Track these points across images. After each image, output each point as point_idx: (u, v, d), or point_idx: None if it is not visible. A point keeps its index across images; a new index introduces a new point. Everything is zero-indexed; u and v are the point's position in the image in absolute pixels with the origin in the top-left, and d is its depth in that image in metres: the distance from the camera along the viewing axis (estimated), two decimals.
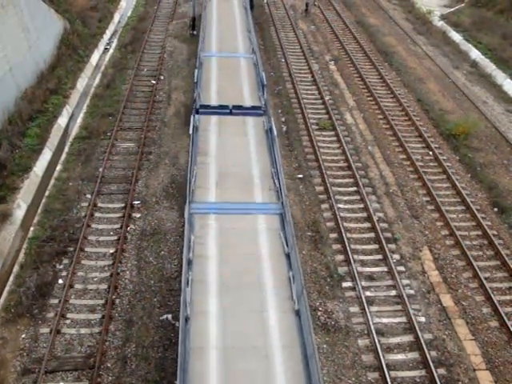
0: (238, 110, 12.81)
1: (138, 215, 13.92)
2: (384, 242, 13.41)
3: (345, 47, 24.82)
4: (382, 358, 10.55)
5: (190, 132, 11.46)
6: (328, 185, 15.34)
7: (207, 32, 18.11)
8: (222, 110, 12.74)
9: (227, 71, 14.99)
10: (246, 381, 6.71)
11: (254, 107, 13.01)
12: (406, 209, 14.95)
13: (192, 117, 12.11)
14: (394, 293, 12.22)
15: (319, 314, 11.50)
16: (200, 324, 7.38)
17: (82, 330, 10.76)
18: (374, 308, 11.81)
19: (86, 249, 12.74)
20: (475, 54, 24.65)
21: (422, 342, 10.88)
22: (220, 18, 19.84)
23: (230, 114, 12.72)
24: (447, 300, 12.18)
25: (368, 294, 12.13)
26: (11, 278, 11.81)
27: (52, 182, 14.95)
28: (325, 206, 14.76)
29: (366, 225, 14.17)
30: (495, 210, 15.19)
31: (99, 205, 14.15)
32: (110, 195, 14.56)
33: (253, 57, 15.93)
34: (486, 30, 26.14)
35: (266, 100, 13.37)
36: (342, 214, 14.37)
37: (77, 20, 22.71)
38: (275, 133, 11.42)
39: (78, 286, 11.76)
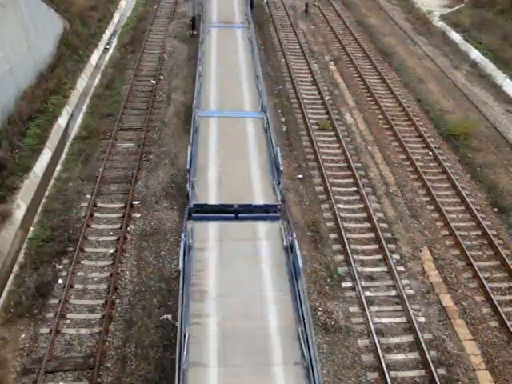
0: (246, 211, 9.56)
1: (138, 215, 13.92)
2: (384, 242, 13.41)
3: (345, 47, 24.81)
4: (381, 358, 10.55)
5: (181, 265, 7.90)
6: (328, 185, 15.34)
7: (205, 81, 14.39)
8: (225, 212, 9.54)
9: (231, 141, 11.56)
10: None
11: (267, 206, 9.74)
12: (405, 209, 14.95)
13: (183, 227, 8.82)
14: (393, 293, 12.22)
15: (319, 314, 11.50)
16: None
17: (82, 330, 10.76)
18: (374, 308, 11.81)
19: (86, 249, 12.73)
20: (475, 54, 24.65)
21: (422, 342, 10.88)
22: (220, 59, 15.96)
23: (236, 218, 9.56)
24: (447, 300, 12.18)
25: (368, 294, 12.13)
26: (11, 278, 11.81)
27: (52, 182, 14.94)
28: (325, 206, 14.76)
29: (366, 225, 14.17)
30: (495, 210, 15.19)
31: (99, 205, 14.14)
32: (110, 195, 14.55)
33: (263, 117, 12.54)
34: (486, 30, 26.12)
35: (282, 193, 9.99)
36: (341, 214, 14.37)
37: (76, 20, 22.67)
38: (300, 260, 7.93)
39: (77, 286, 11.76)
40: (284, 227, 9.18)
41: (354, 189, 15.48)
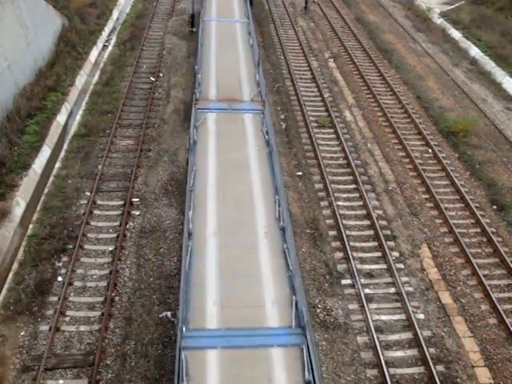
0: None
1: (138, 212, 13.91)
2: (383, 239, 13.41)
3: (344, 44, 24.77)
4: (380, 355, 10.56)
5: None
6: (327, 182, 15.33)
7: (198, 242, 8.51)
8: None
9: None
10: None
11: None
12: (405, 206, 14.95)
13: None
14: (393, 290, 12.23)
15: (318, 311, 11.52)
16: None
17: (82, 328, 10.76)
18: (373, 305, 11.82)
19: (86, 246, 12.73)
20: (475, 51, 24.63)
21: (421, 339, 10.90)
22: (222, 187, 9.95)
23: None
24: (446, 297, 12.20)
25: (367, 291, 12.14)
26: (10, 276, 11.80)
27: (51, 179, 14.92)
28: (324, 203, 14.76)
29: (365, 222, 14.17)
30: (494, 207, 15.20)
31: (98, 202, 14.12)
32: (110, 193, 14.54)
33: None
34: (486, 27, 26.10)
35: None
36: (341, 212, 14.37)
37: (75, 17, 22.63)
38: None
39: (77, 284, 11.75)
40: None
41: (354, 186, 15.47)
